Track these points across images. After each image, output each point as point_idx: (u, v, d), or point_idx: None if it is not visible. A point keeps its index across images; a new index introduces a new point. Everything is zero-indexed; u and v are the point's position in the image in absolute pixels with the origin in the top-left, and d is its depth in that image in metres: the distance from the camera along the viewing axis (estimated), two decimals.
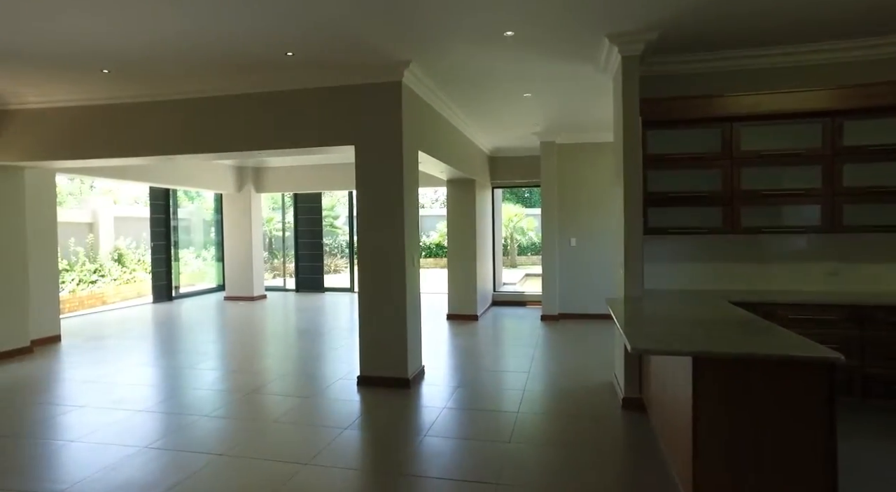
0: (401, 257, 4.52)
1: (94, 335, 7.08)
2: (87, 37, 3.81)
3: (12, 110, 5.47)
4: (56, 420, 3.90)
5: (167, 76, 4.68)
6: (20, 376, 5.11)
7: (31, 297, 6.16)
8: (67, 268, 11.03)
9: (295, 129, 4.75)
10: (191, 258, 13.73)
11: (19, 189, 5.97)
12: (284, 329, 7.80)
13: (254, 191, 10.42)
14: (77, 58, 4.22)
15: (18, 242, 5.96)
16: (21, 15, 3.42)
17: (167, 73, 4.61)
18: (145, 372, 5.19)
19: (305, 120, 4.72)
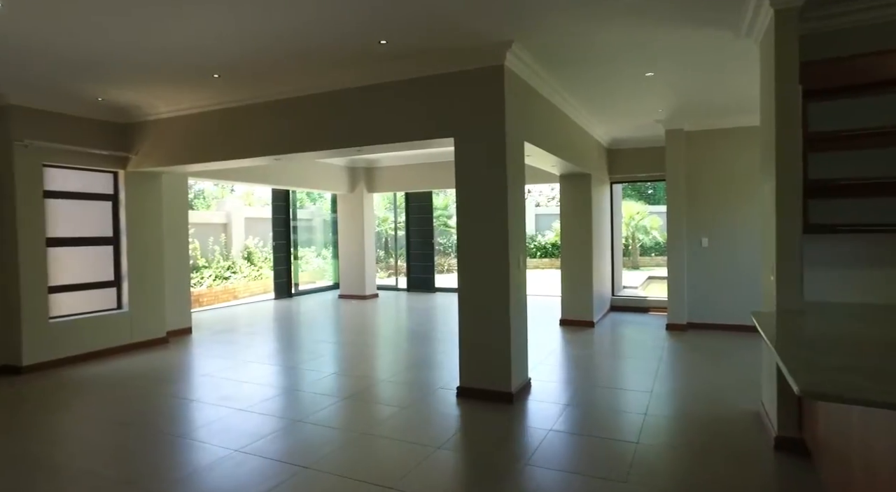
0: (504, 259, 4.12)
1: (220, 329, 7.54)
2: (198, 43, 3.89)
3: (150, 121, 5.92)
4: (169, 413, 4.04)
5: (268, 77, 4.71)
6: (152, 365, 5.49)
7: (167, 292, 6.68)
8: (206, 265, 12.09)
9: (391, 123, 4.55)
10: (312, 257, 14.47)
11: (157, 193, 6.48)
12: (391, 330, 7.75)
13: (365, 191, 10.61)
14: (190, 65, 4.37)
15: (156, 242, 6.47)
16: (141, 27, 3.54)
17: (268, 74, 4.64)
18: (253, 369, 5.31)
19: (402, 113, 4.49)
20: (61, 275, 5.94)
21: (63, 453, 3.32)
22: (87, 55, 4.09)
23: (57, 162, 5.53)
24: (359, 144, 4.74)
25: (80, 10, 3.30)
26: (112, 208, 6.16)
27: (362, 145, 4.75)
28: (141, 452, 3.36)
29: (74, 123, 5.61)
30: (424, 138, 4.43)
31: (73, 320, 5.71)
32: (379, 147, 4.86)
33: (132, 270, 6.20)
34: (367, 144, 4.72)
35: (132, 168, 6.08)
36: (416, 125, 4.44)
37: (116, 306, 6.18)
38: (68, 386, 4.84)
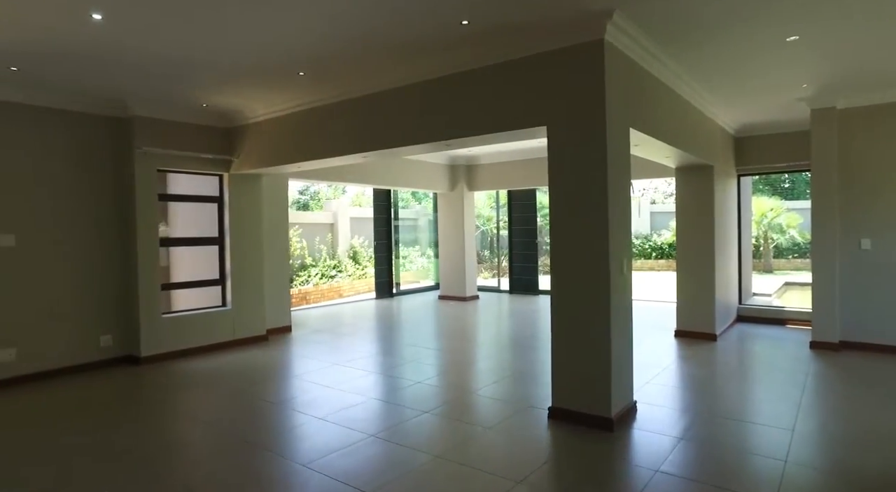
0: (604, 262, 3.56)
1: (319, 328, 7.65)
2: (279, 41, 3.80)
3: (249, 124, 6.09)
4: (250, 416, 4.00)
5: (350, 72, 4.54)
6: (247, 364, 5.61)
7: (266, 291, 6.87)
8: (313, 263, 12.56)
9: (477, 114, 4.16)
10: (417, 256, 14.54)
11: (257, 194, 6.68)
12: (487, 335, 7.37)
13: (466, 189, 10.33)
14: (276, 64, 4.31)
15: (256, 241, 6.68)
16: (229, 28, 3.50)
17: (350, 70, 4.46)
18: (342, 373, 5.20)
19: (488, 103, 4.08)
20: (174, 273, 6.33)
21: (142, 446, 3.36)
22: (182, 61, 4.18)
23: (169, 167, 5.85)
24: (444, 137, 4.42)
25: (172, 15, 3.30)
26: (218, 209, 6.44)
27: (448, 139, 4.41)
28: (209, 456, 3.30)
29: (184, 130, 5.90)
30: (514, 128, 3.98)
31: (183, 316, 6.02)
32: (466, 141, 4.50)
33: (234, 269, 6.43)
34: (452, 138, 4.38)
35: (234, 171, 6.30)
36: (505, 114, 4.01)
37: (221, 304, 6.45)
38: (172, 380, 5.06)
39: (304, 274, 12.07)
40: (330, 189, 20.06)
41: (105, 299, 5.54)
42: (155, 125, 5.64)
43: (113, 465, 3.17)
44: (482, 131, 4.15)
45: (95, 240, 5.48)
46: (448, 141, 4.48)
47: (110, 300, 5.58)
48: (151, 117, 5.60)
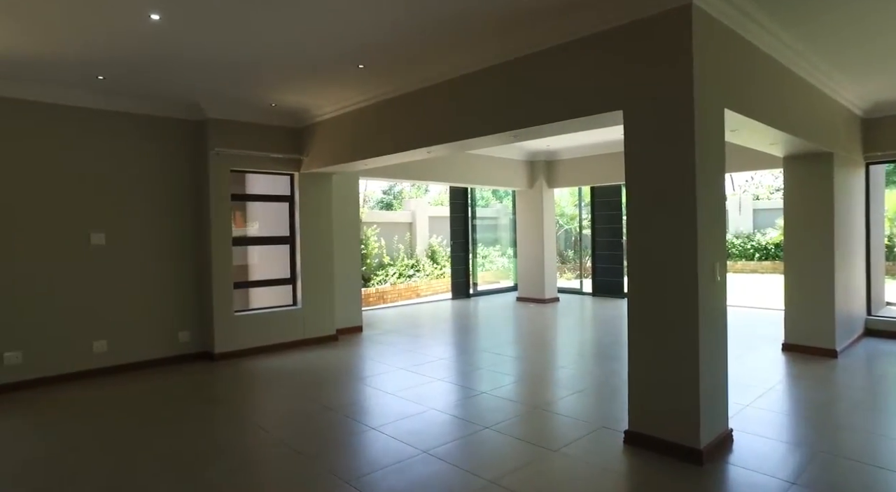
0: (691, 267, 3.03)
1: (390, 329, 7.53)
2: (336, 32, 3.63)
3: (318, 122, 6.06)
4: (304, 422, 3.87)
5: (409, 63, 4.28)
6: (314, 364, 5.56)
7: (337, 291, 6.84)
8: (391, 263, 12.59)
9: (545, 100, 3.74)
10: (497, 256, 14.19)
11: (327, 193, 6.66)
12: (564, 342, 6.87)
13: (545, 186, 9.81)
14: (334, 58, 4.16)
15: (326, 241, 6.65)
16: (286, 23, 3.38)
17: (408, 60, 4.21)
18: (405, 379, 4.98)
19: (556, 87, 3.66)
20: (253, 271, 6.45)
21: (189, 446, 3.32)
22: (243, 59, 4.15)
23: (241, 167, 5.95)
24: (508, 128, 4.04)
25: (228, 13, 3.23)
26: (289, 209, 6.49)
27: (513, 129, 4.03)
28: (248, 464, 3.17)
29: (255, 130, 5.97)
30: (585, 114, 3.53)
31: (254, 315, 6.11)
32: (532, 131, 4.09)
33: (304, 269, 6.45)
34: (517, 128, 3.99)
35: (304, 170, 6.30)
36: (575, 100, 3.57)
37: (292, 303, 6.50)
38: (238, 378, 5.11)
39: (381, 273, 12.12)
40: (413, 188, 20.18)
41: (183, 296, 5.73)
42: (227, 126, 5.75)
43: (160, 464, 3.15)
44: (548, 119, 3.73)
45: (175, 239, 5.68)
46: (514, 132, 4.09)
47: (187, 297, 5.76)
48: (224, 119, 5.71)
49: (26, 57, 4.04)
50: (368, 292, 11.09)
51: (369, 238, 12.01)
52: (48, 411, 4.24)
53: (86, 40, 3.73)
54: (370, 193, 20.38)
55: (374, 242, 12.18)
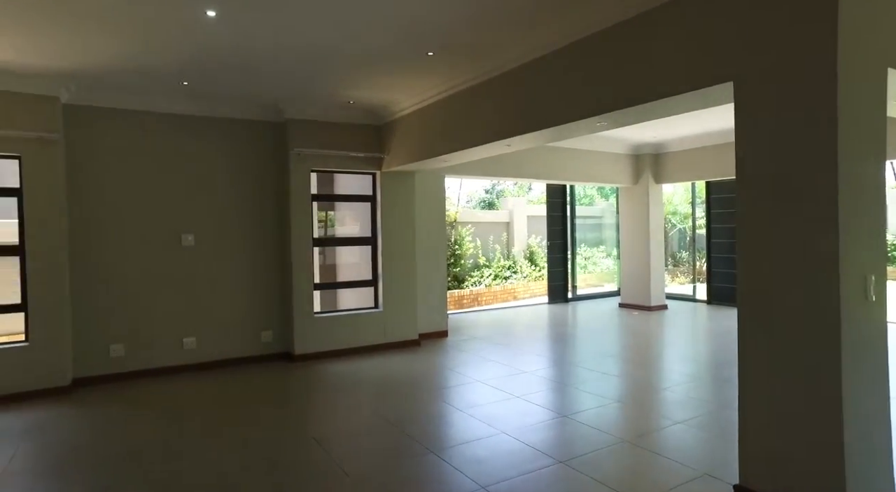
0: (831, 281, 2.28)
1: (478, 335, 7.14)
2: (404, 15, 3.31)
3: (396, 119, 5.83)
4: (371, 432, 3.60)
5: (482, 46, 3.84)
6: (391, 370, 5.33)
7: (420, 294, 6.59)
8: (486, 264, 12.19)
9: (639, 76, 3.12)
10: (601, 258, 13.27)
11: (409, 192, 6.42)
12: (669, 358, 6.03)
13: (652, 181, 8.85)
14: (402, 43, 3.85)
15: (408, 242, 6.42)
16: (347, 11, 3.15)
17: (481, 42, 3.77)
18: (483, 393, 4.56)
19: (653, 60, 3.04)
20: (328, 273, 6.40)
21: (242, 456, 3.17)
22: (310, 55, 3.98)
23: (322, 167, 5.89)
24: (594, 113, 3.46)
25: (285, 7, 3.05)
26: (371, 209, 6.34)
27: (603, 112, 3.43)
28: (295, 482, 2.93)
29: (334, 129, 5.87)
30: (686, 90, 2.87)
31: (334, 317, 6.03)
32: (627, 115, 3.45)
33: (385, 270, 6.26)
34: (607, 111, 3.39)
35: (385, 168, 6.11)
36: (675, 71, 2.92)
37: (374, 306, 6.34)
38: (309, 382, 5.00)
39: (476, 274, 11.77)
40: (516, 187, 19.60)
41: (266, 297, 5.78)
42: (307, 127, 5.70)
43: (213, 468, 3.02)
44: (645, 98, 3.10)
45: (258, 240, 5.74)
46: (600, 117, 3.50)
47: (270, 298, 5.81)
48: (303, 119, 5.67)
49: (117, 69, 4.20)
50: (462, 294, 10.80)
51: (463, 238, 11.71)
52: (143, 401, 4.48)
53: (158, 46, 3.76)
54: (472, 193, 20.13)
55: (468, 242, 11.86)
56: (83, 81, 4.60)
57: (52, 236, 4.67)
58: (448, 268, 11.20)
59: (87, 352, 4.96)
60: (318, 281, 6.20)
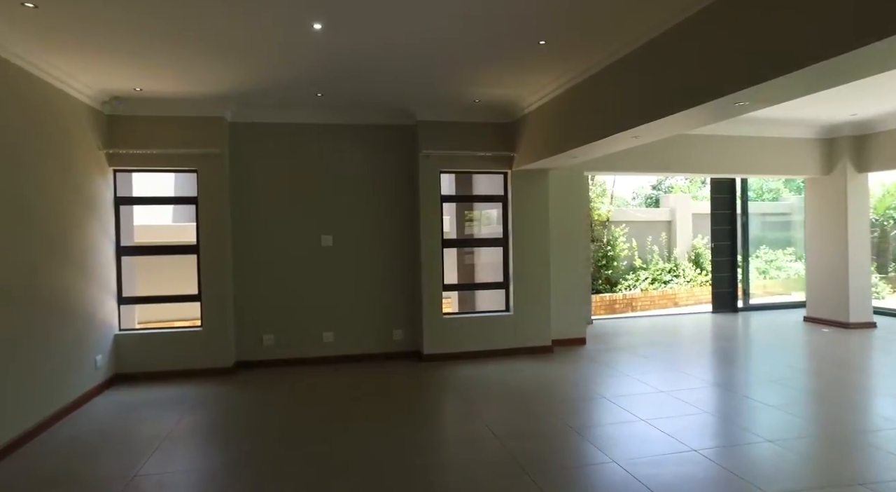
0: None
1: (620, 345, 6.54)
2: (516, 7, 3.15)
3: (525, 115, 5.59)
4: (469, 447, 3.48)
5: (593, 31, 3.43)
6: (516, 378, 5.11)
7: (556, 297, 6.26)
8: (643, 266, 11.21)
9: (785, 37, 2.50)
10: (789, 262, 11.41)
11: (542, 191, 6.12)
12: (866, 393, 4.83)
13: (851, 170, 7.23)
14: (511, 33, 3.64)
15: (542, 243, 6.12)
16: None
17: (591, 26, 3.37)
18: (605, 413, 4.13)
19: (802, 16, 2.40)
20: (465, 273, 6.39)
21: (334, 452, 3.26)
22: (414, 54, 3.99)
23: (451, 168, 5.90)
24: (724, 92, 2.86)
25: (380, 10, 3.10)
26: (503, 209, 6.18)
27: (739, 89, 2.84)
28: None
29: (463, 129, 5.83)
30: (852, 47, 2.20)
31: (463, 318, 6.01)
32: (770, 91, 2.80)
33: (516, 272, 6.05)
34: (741, 88, 2.78)
35: (516, 167, 5.90)
36: (842, 28, 2.27)
37: (505, 309, 6.18)
38: (432, 383, 5.02)
39: (631, 277, 10.89)
40: (687, 181, 17.74)
41: (397, 296, 5.98)
42: (436, 128, 5.75)
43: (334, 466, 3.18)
44: (802, 62, 2.47)
45: (392, 240, 5.96)
46: (739, 94, 2.89)
47: (401, 297, 5.99)
48: (433, 121, 5.73)
49: (262, 88, 4.69)
50: (614, 299, 10.11)
51: (616, 239, 10.91)
52: (290, 386, 4.99)
53: (283, 64, 4.08)
54: (639, 189, 18.70)
55: (621, 242, 11.02)
56: (241, 101, 5.21)
57: (220, 237, 5.38)
58: (599, 270, 10.58)
59: (246, 339, 5.63)
60: (448, 282, 6.25)
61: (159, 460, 3.36)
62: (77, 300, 4.42)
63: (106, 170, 5.07)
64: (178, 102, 5.11)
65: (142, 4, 3.07)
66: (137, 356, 5.22)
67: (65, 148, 4.34)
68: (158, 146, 5.14)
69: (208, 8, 3.12)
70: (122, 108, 5.05)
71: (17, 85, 3.70)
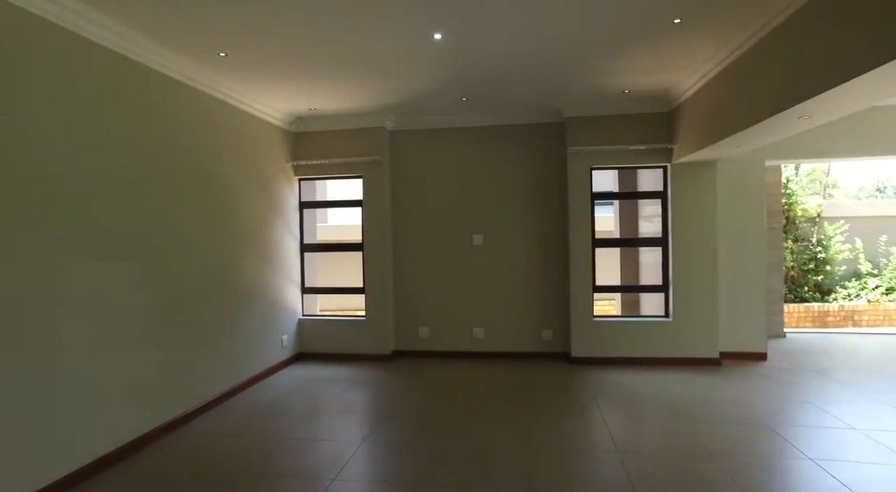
0: None
1: (810, 365, 5.47)
2: None
3: (682, 103, 5.06)
4: (584, 451, 3.32)
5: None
6: (666, 390, 4.67)
7: (728, 304, 5.53)
8: (872, 272, 9.13)
9: None
10: None
11: (708, 186, 5.44)
12: None
13: None
14: (643, 15, 3.36)
15: (708, 243, 5.45)
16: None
17: None
18: (758, 438, 3.55)
19: None
20: (604, 274, 6.01)
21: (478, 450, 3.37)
22: (544, 51, 3.92)
23: (601, 164, 5.60)
24: None
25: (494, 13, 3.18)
26: (661, 206, 5.66)
27: None
28: None
29: (613, 123, 5.50)
30: None
31: (615, 322, 5.66)
32: None
33: (676, 275, 5.49)
34: None
35: (675, 160, 5.36)
36: None
37: (663, 314, 5.66)
38: (584, 385, 4.85)
39: (854, 285, 8.98)
40: None
41: (547, 296, 5.89)
42: (585, 124, 5.53)
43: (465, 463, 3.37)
44: None
45: (541, 239, 5.90)
46: None
47: (551, 297, 5.89)
48: (581, 116, 5.52)
49: (414, 96, 5.07)
50: (826, 310, 8.51)
51: (830, 238, 9.08)
52: (442, 376, 5.31)
53: (421, 73, 4.35)
54: (888, 179, 15.27)
55: (837, 243, 9.13)
56: (398, 111, 5.69)
57: (381, 236, 5.95)
58: (804, 275, 8.98)
59: (403, 330, 6.13)
60: (605, 283, 5.96)
61: (310, 427, 3.92)
62: (265, 288, 5.32)
63: (292, 179, 5.99)
64: (346, 117, 5.79)
65: (305, 44, 3.64)
66: (315, 338, 6.06)
67: (258, 163, 5.26)
68: (331, 156, 5.90)
69: (348, 38, 3.53)
70: (302, 126, 5.91)
71: (217, 114, 4.61)
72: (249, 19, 3.28)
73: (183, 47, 3.71)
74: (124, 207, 3.51)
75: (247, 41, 3.60)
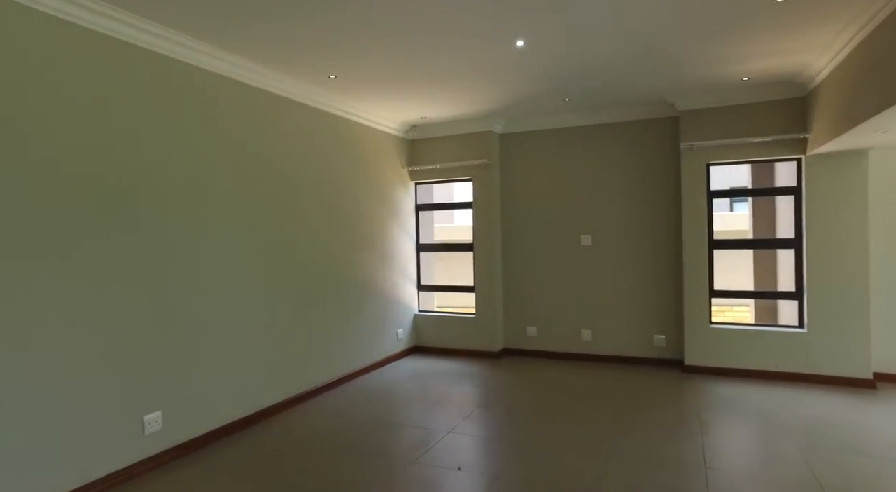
0: None
1: None
2: None
3: (818, 85, 4.48)
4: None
5: None
6: (797, 411, 4.22)
7: (886, 316, 4.78)
8: None
9: None
10: None
11: (857, 179, 4.73)
12: None
13: None
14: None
15: (858, 245, 4.75)
16: None
17: None
18: (887, 481, 3.07)
19: None
20: (723, 277, 5.49)
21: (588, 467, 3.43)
22: (634, 44, 3.80)
23: (718, 159, 5.17)
24: None
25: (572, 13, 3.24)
26: (795, 203, 5.05)
27: None
28: None
29: (732, 114, 5.05)
30: None
31: (735, 330, 5.19)
32: None
33: (812, 280, 4.87)
34: None
35: (810, 151, 4.75)
36: None
37: (797, 324, 5.05)
38: (697, 397, 4.58)
39: None
40: None
41: (659, 299, 5.60)
42: (700, 116, 5.15)
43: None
44: None
45: (653, 240, 5.62)
46: None
47: (664, 301, 5.58)
48: (696, 109, 5.16)
49: (519, 100, 5.18)
50: None
51: None
52: (548, 375, 5.39)
53: (513, 77, 4.46)
54: None
55: None
56: (506, 115, 5.83)
57: (491, 237, 6.15)
58: None
59: (512, 329, 6.27)
60: (732, 288, 5.50)
61: (408, 413, 4.27)
62: (381, 284, 5.83)
63: (408, 183, 6.45)
64: (455, 123, 6.09)
65: (399, 65, 4.02)
66: (429, 333, 6.47)
67: (378, 170, 5.79)
68: (443, 161, 6.24)
69: (435, 59, 3.80)
70: (416, 133, 6.34)
71: (343, 129, 5.19)
72: (352, 51, 3.73)
73: (298, 73, 4.29)
74: (267, 212, 4.19)
75: (352, 64, 4.05)
